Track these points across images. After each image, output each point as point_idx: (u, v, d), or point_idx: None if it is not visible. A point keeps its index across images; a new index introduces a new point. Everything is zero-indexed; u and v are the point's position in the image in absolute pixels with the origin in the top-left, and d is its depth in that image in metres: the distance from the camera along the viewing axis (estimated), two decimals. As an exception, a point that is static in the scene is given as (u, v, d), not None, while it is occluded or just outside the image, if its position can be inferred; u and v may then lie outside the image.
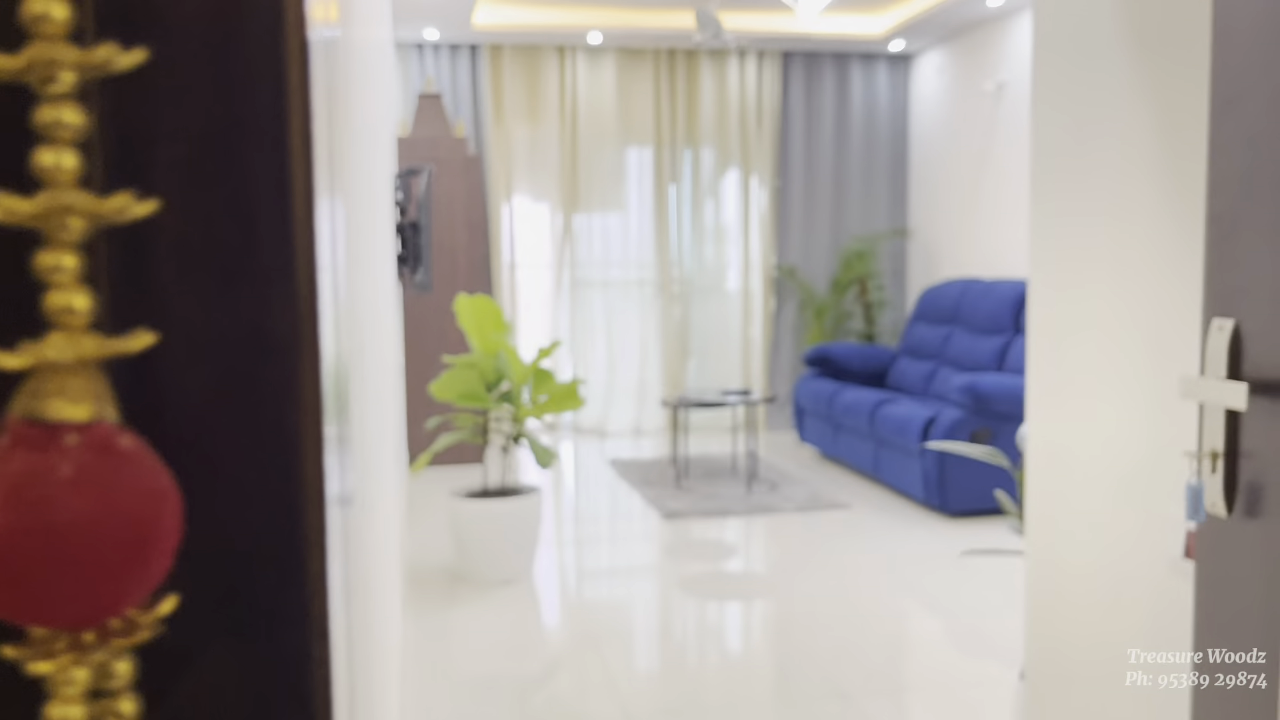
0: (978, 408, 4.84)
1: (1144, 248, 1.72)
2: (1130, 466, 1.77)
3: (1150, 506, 1.72)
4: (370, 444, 1.70)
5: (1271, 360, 1.29)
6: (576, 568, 4.35)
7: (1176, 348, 1.65)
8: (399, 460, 3.85)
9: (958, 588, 3.95)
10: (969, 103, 6.72)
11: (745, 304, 7.52)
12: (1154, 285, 1.70)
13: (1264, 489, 1.33)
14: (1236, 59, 1.34)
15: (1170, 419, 1.66)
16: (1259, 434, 1.32)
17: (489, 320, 4.12)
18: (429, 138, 6.32)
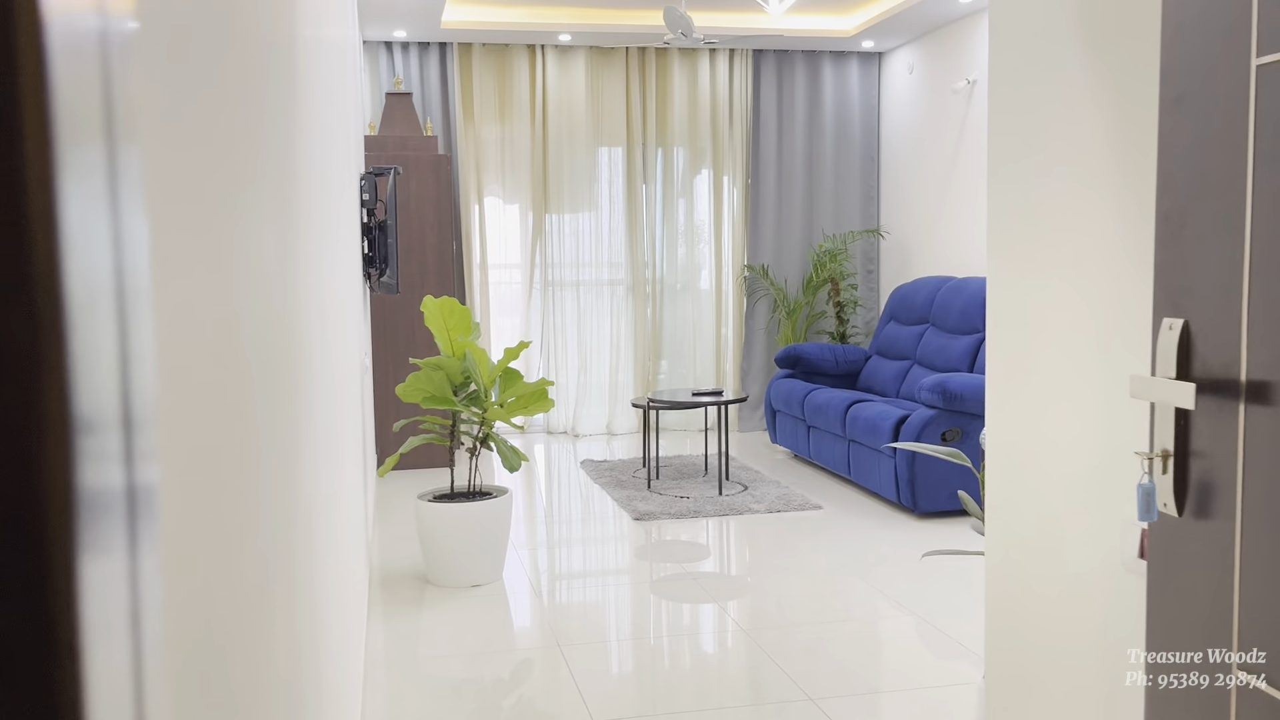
0: (948, 407, 4.84)
1: (1099, 246, 1.71)
2: (1086, 466, 1.76)
3: (1106, 506, 1.71)
4: (316, 448, 1.66)
5: (1219, 359, 1.28)
6: (546, 570, 4.32)
7: (1131, 347, 1.64)
8: (361, 463, 3.81)
9: (927, 588, 3.94)
10: (940, 101, 6.73)
11: (718, 304, 7.51)
12: (1110, 284, 1.69)
13: (1213, 489, 1.32)
14: (1184, 55, 1.33)
15: (1125, 419, 1.65)
16: (1208, 434, 1.31)
17: (456, 321, 4.08)
18: (398, 137, 6.27)
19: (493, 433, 4.12)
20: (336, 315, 2.58)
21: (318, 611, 1.59)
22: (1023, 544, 1.94)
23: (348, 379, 3.00)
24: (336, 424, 2.33)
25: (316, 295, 1.86)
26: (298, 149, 1.48)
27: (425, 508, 4.01)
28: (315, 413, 1.69)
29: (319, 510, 1.72)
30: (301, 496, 1.37)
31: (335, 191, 2.85)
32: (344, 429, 2.66)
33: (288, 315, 1.26)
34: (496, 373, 4.08)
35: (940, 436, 4.87)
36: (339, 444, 2.40)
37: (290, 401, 1.22)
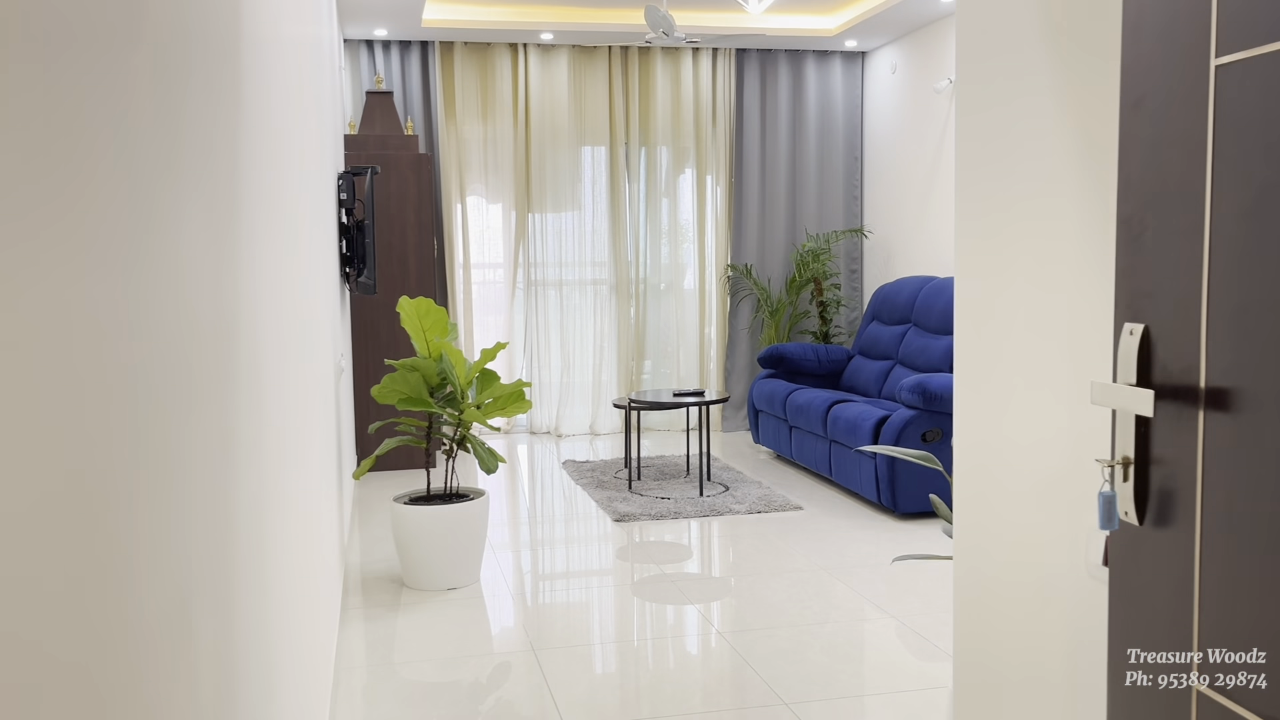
0: (929, 407, 4.83)
1: (1065, 250, 1.69)
2: (1052, 472, 1.74)
3: (1073, 512, 1.69)
4: (266, 453, 1.63)
5: (1179, 365, 1.26)
6: (524, 573, 4.29)
7: (1096, 352, 1.62)
8: (336, 465, 3.77)
9: (906, 590, 3.93)
10: (923, 100, 6.72)
11: (702, 304, 7.48)
12: (1075, 288, 1.67)
13: (1174, 497, 1.30)
14: (1144, 57, 1.31)
15: (1090, 424, 1.63)
16: (1168, 441, 1.29)
17: (432, 322, 4.05)
18: (378, 136, 6.23)
19: (470, 434, 4.09)
20: (304, 317, 2.54)
21: (268, 620, 1.56)
22: (990, 549, 1.92)
23: (317, 381, 2.97)
24: (300, 427, 2.29)
25: (273, 297, 1.83)
26: (243, 149, 1.45)
27: (400, 510, 3.97)
28: (268, 417, 1.65)
29: (272, 516, 1.68)
30: (243, 503, 1.34)
31: (304, 192, 2.81)
32: (311, 432, 2.62)
33: (224, 319, 1.22)
34: (473, 374, 4.04)
35: (920, 437, 4.85)
36: (303, 447, 2.36)
37: (222, 408, 1.19)
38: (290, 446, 2.06)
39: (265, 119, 1.80)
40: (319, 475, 2.90)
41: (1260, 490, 1.16)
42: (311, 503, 2.59)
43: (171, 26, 0.98)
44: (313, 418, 2.81)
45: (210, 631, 1.08)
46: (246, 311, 1.43)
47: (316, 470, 2.80)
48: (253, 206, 1.57)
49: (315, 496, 2.72)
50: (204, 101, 1.14)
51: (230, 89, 1.35)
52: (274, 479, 1.72)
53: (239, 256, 1.38)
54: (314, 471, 2.70)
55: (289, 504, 1.99)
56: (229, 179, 1.32)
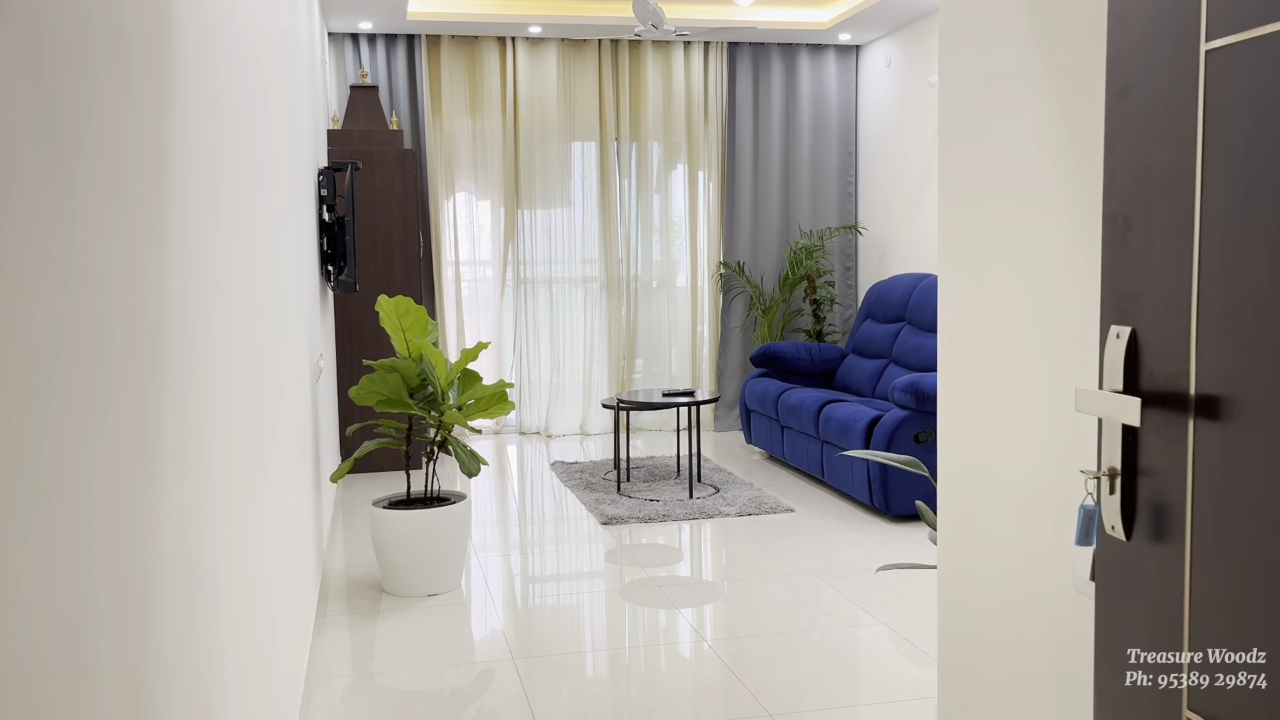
0: (921, 408, 4.74)
1: (1049, 249, 1.61)
2: (1037, 481, 1.65)
3: (1059, 524, 1.61)
4: (206, 460, 1.55)
5: (1168, 371, 1.18)
6: (508, 578, 4.21)
7: (1080, 356, 1.53)
8: (312, 468, 3.69)
9: (897, 595, 3.84)
10: (918, 95, 6.63)
11: (694, 302, 7.40)
12: (1059, 288, 1.59)
13: (1165, 511, 1.21)
14: (1130, 44, 1.23)
15: (1075, 432, 1.55)
16: (1156, 451, 1.21)
17: (412, 321, 3.96)
18: (362, 131, 6.14)
19: (451, 436, 4.01)
20: (268, 316, 2.46)
21: (205, 635, 1.48)
22: (974, 561, 1.84)
23: (292, 382, 2.89)
24: (261, 430, 2.21)
25: (222, 297, 1.74)
26: (176, 143, 1.36)
27: (380, 514, 3.89)
28: (210, 420, 1.57)
29: (215, 523, 1.60)
30: (171, 512, 1.25)
31: (275, 188, 2.73)
32: (279, 434, 2.54)
33: (142, 320, 1.14)
34: (454, 374, 3.96)
35: (914, 438, 4.77)
36: (266, 450, 2.28)
37: (140, 412, 1.10)
38: (246, 450, 1.97)
39: (212, 111, 1.71)
40: (290, 479, 2.81)
41: (1254, 503, 1.08)
42: (278, 507, 2.50)
43: (64, 11, 0.90)
44: (282, 420, 2.73)
45: (117, 653, 0.99)
46: (179, 312, 1.35)
47: (287, 474, 2.71)
48: (191, 203, 1.49)
49: (284, 501, 2.64)
50: (114, 89, 1.06)
51: (154, 77, 1.26)
52: (219, 485, 1.64)
53: (168, 255, 1.30)
54: (283, 475, 2.62)
55: (243, 510, 1.91)
56: (153, 175, 1.24)
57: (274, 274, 2.66)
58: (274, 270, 2.67)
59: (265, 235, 2.48)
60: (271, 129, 2.73)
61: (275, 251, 2.71)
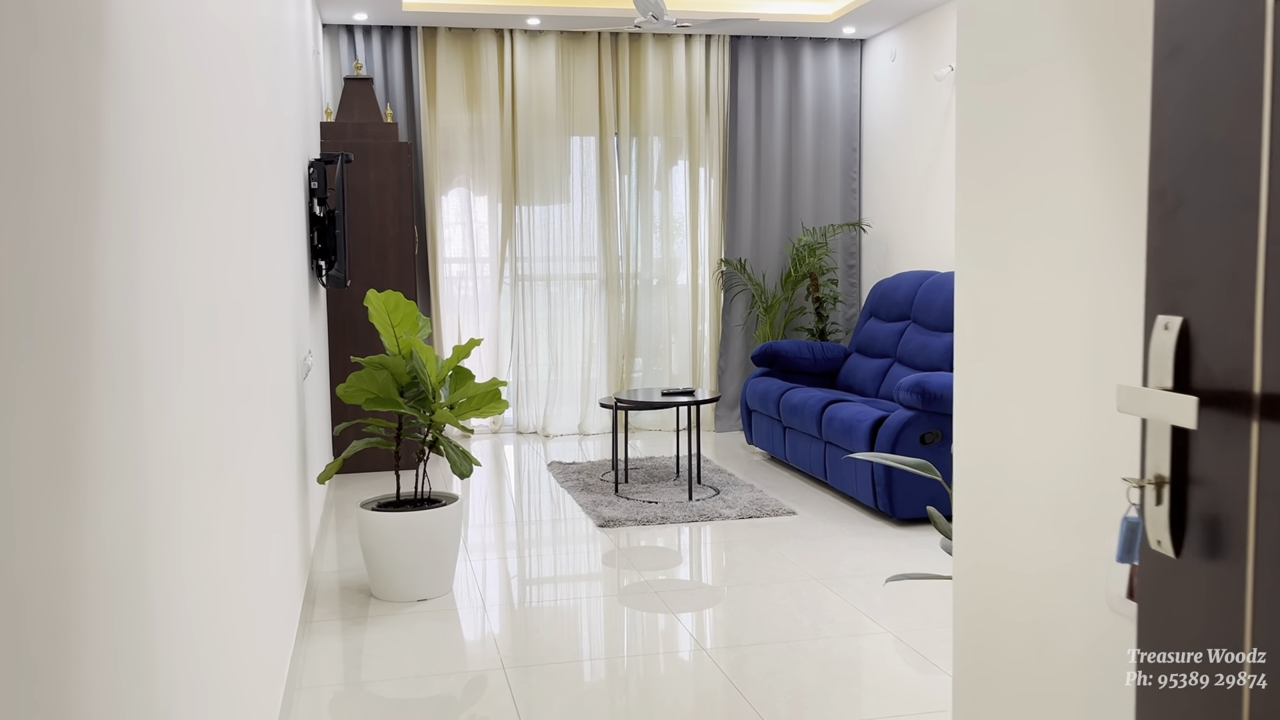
0: (928, 408, 4.61)
1: (1080, 233, 1.47)
2: (1067, 488, 1.52)
3: (1089, 535, 1.47)
4: (149, 464, 1.41)
5: (1227, 367, 1.04)
6: (501, 582, 4.07)
7: (1119, 350, 1.40)
8: (298, 469, 3.55)
9: (904, 602, 3.71)
10: (923, 89, 6.50)
11: (695, 300, 7.26)
12: (1092, 277, 1.45)
13: (1222, 524, 1.07)
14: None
15: (1112, 435, 1.41)
16: (1213, 457, 1.07)
17: (402, 317, 3.82)
18: (356, 124, 6.00)
19: (442, 436, 3.87)
20: (240, 312, 2.33)
21: (145, 650, 1.34)
22: (994, 574, 1.70)
23: (265, 380, 2.75)
24: (228, 431, 2.08)
25: (178, 293, 1.61)
26: (110, 137, 1.23)
27: (368, 517, 3.75)
28: (156, 421, 1.44)
29: (164, 530, 1.47)
30: (99, 521, 1.12)
31: (253, 181, 2.60)
32: (254, 435, 2.40)
33: (58, 318, 1.00)
34: (444, 372, 3.82)
35: (919, 439, 4.64)
36: (236, 452, 2.15)
37: (51, 415, 0.97)
38: (210, 452, 1.84)
39: (164, 97, 1.58)
40: (272, 480, 2.68)
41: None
42: (254, 510, 2.37)
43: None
44: (263, 419, 2.60)
45: (13, 678, 0.86)
46: (115, 309, 1.22)
47: (267, 475, 2.58)
48: (137, 198, 1.36)
49: (263, 503, 2.51)
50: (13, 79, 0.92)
51: (88, 65, 1.13)
52: (168, 489, 1.50)
53: (99, 252, 1.16)
54: (262, 476, 2.48)
55: (203, 514, 1.77)
56: (79, 168, 1.10)
57: (251, 268, 2.52)
58: (251, 264, 2.53)
59: (239, 228, 2.35)
60: (250, 119, 2.59)
61: (253, 245, 2.58)
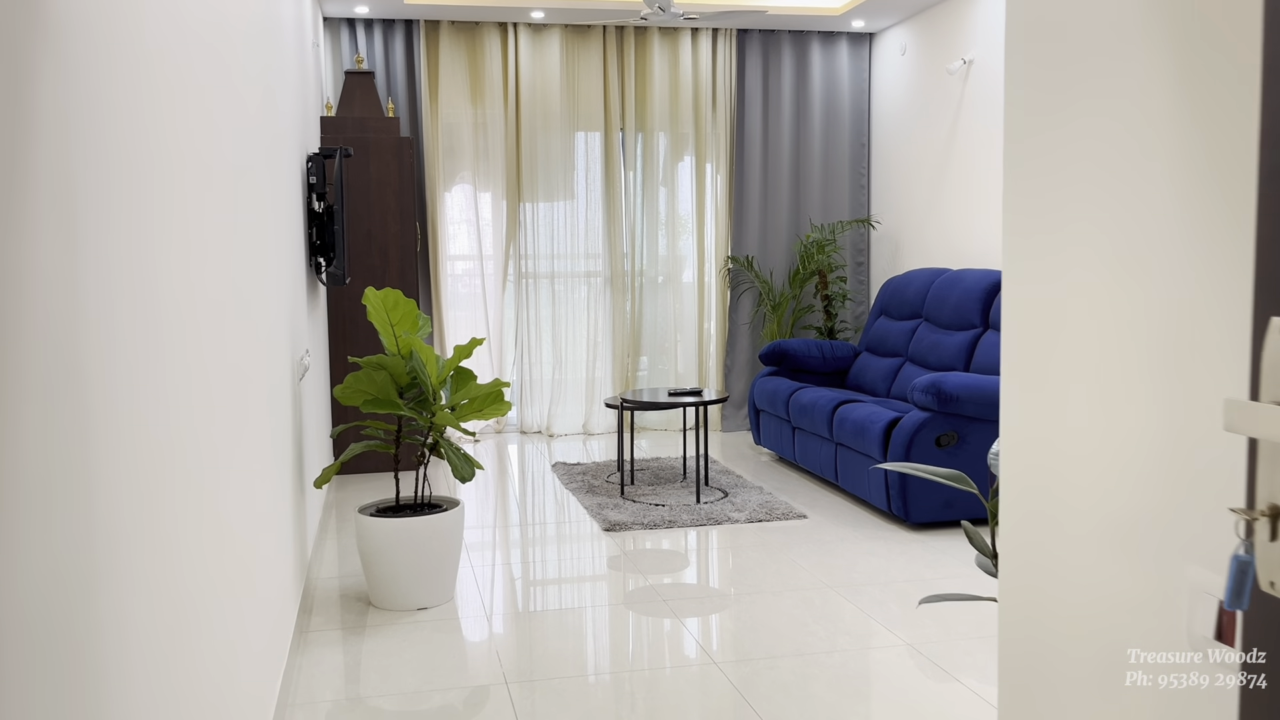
0: (943, 409, 4.46)
1: (1158, 218, 1.33)
2: (1130, 512, 1.37)
3: (1160, 565, 1.33)
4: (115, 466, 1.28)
5: (1353, 379, 0.90)
6: (504, 590, 3.93)
7: (1202, 356, 1.25)
8: (292, 473, 3.41)
9: (921, 611, 3.57)
10: (935, 83, 6.35)
11: (701, 297, 7.12)
12: (1168, 272, 1.31)
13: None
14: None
15: (1191, 453, 1.27)
16: (1332, 483, 0.93)
17: (401, 315, 3.69)
18: (357, 118, 5.86)
19: (443, 439, 3.73)
20: (223, 312, 2.19)
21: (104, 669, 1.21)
22: (1048, 600, 1.56)
23: (255, 382, 2.61)
24: (206, 436, 1.94)
25: (140, 293, 1.47)
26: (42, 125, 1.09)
27: (366, 523, 3.62)
28: (108, 428, 1.30)
29: (129, 542, 1.33)
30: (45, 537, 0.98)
31: (238, 176, 2.46)
32: (236, 439, 2.27)
33: None
34: (445, 373, 3.68)
35: (935, 441, 4.49)
36: (213, 458, 2.01)
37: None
38: (177, 462, 1.70)
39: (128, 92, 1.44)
40: (259, 487, 2.54)
41: None
42: (237, 521, 2.23)
43: None
44: (250, 422, 2.46)
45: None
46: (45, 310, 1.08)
47: (254, 482, 2.44)
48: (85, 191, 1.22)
49: (247, 512, 2.37)
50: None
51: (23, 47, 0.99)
52: (128, 499, 1.37)
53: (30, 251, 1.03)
54: (251, 482, 2.34)
55: (176, 524, 1.64)
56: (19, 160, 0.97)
57: (235, 266, 2.39)
58: (236, 262, 2.40)
59: (219, 224, 2.21)
60: (235, 112, 2.46)
61: (238, 242, 2.44)
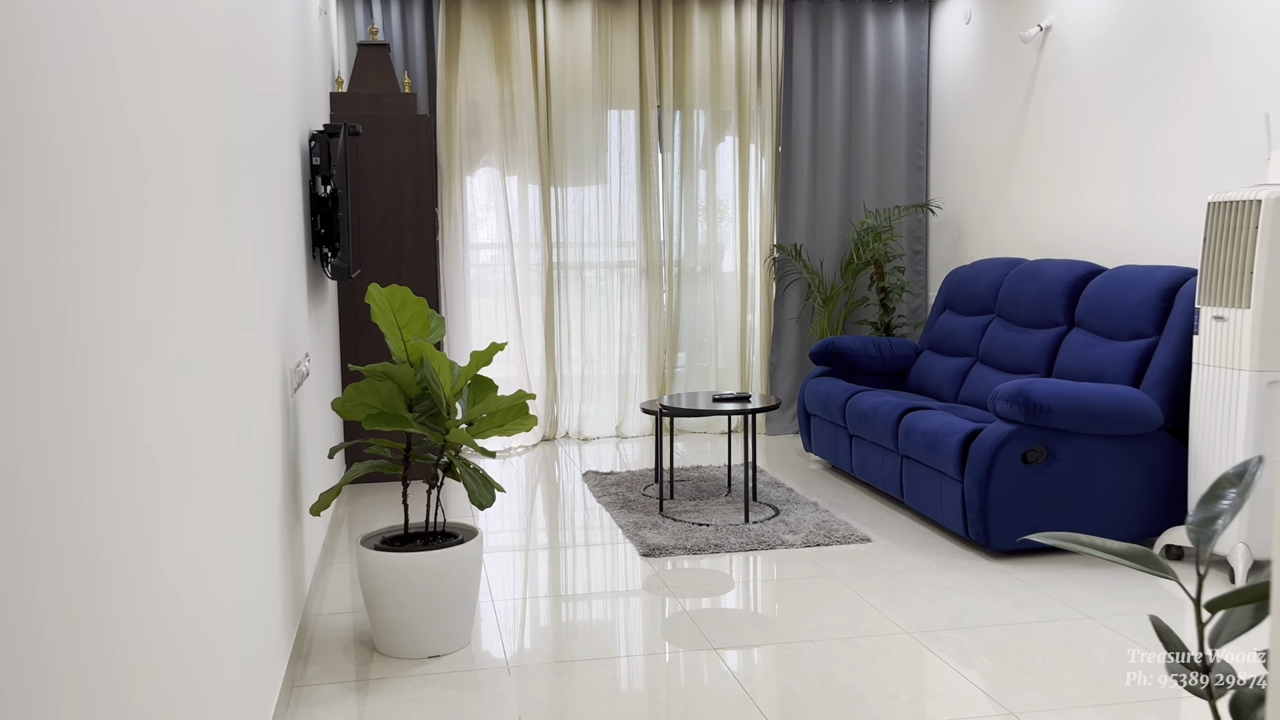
0: (1031, 421, 3.90)
1: None
2: None
3: None
4: None
5: None
6: (529, 632, 3.43)
7: None
8: (279, 497, 2.92)
9: (1021, 668, 3.02)
10: (1003, 54, 5.75)
11: (743, 289, 6.57)
12: None
13: None
14: None
15: None
16: None
17: (410, 316, 3.18)
18: (370, 94, 5.37)
19: (458, 458, 3.23)
20: (181, 322, 1.69)
21: None
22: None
23: (225, 396, 2.12)
24: (162, 464, 1.44)
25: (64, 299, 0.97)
26: None
27: (369, 557, 3.12)
28: None
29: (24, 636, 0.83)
30: None
31: (197, 156, 1.96)
32: (201, 464, 1.77)
33: None
34: (461, 382, 3.18)
35: (1020, 457, 3.93)
36: (173, 491, 1.51)
37: None
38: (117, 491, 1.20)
39: None
40: (235, 521, 2.05)
41: None
42: (214, 557, 1.74)
43: None
44: (221, 442, 1.97)
45: None
46: None
47: (227, 515, 1.95)
48: None
49: (228, 546, 1.87)
50: None
51: None
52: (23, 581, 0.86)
53: None
54: (215, 519, 1.85)
55: (111, 599, 1.14)
56: None
57: (199, 263, 1.89)
58: (201, 259, 1.90)
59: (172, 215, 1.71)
60: (207, 86, 1.95)
61: (209, 234, 1.94)
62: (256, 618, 2.47)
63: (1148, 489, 4.01)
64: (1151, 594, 3.58)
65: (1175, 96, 4.46)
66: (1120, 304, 4.28)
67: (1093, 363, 4.31)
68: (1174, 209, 4.47)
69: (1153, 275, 4.22)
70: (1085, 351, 4.39)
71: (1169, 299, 4.11)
